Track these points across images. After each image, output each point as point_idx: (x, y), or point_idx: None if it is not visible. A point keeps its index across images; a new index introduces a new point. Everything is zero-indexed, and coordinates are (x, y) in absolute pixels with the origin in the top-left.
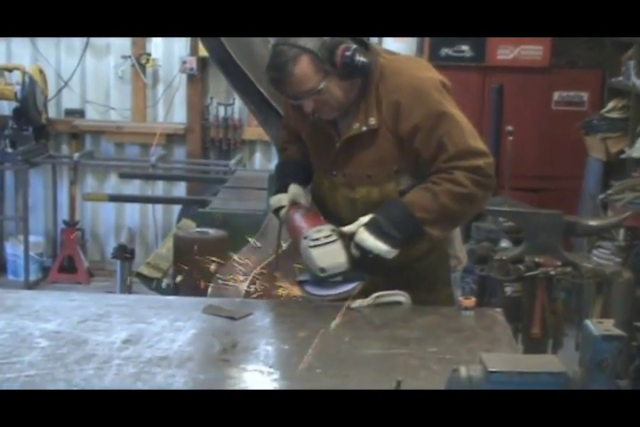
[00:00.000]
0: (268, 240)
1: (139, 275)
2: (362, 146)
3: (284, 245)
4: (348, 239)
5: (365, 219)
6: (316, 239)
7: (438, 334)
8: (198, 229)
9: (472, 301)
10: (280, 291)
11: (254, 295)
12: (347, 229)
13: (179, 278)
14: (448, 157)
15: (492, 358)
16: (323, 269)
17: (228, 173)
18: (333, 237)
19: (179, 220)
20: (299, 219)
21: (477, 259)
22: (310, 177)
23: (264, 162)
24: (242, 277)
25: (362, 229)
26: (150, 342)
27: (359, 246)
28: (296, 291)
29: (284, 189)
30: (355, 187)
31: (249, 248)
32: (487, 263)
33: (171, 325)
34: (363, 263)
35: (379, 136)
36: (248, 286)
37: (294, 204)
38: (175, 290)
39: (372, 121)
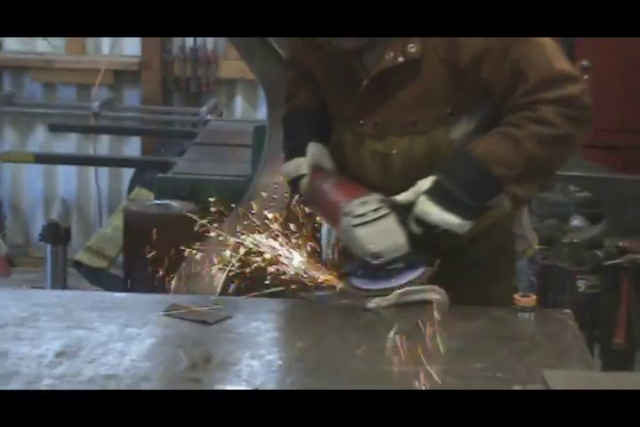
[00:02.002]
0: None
1: (76, 264)
2: (399, 83)
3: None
4: (403, 212)
5: (426, 183)
6: (362, 215)
7: (486, 345)
8: (158, 202)
9: (532, 299)
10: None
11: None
12: (401, 198)
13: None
14: (529, 87)
15: (559, 376)
16: (376, 255)
17: (197, 125)
18: (384, 211)
19: (131, 189)
20: (331, 190)
21: (540, 242)
22: (330, 133)
23: (247, 109)
24: (221, 264)
25: (423, 198)
26: (92, 354)
27: (422, 221)
28: (339, 286)
29: (299, 152)
30: (390, 139)
31: (233, 220)
32: (553, 248)
33: (120, 331)
34: (425, 242)
35: (423, 68)
36: (230, 276)
37: (318, 170)
38: (126, 284)
39: (413, 48)
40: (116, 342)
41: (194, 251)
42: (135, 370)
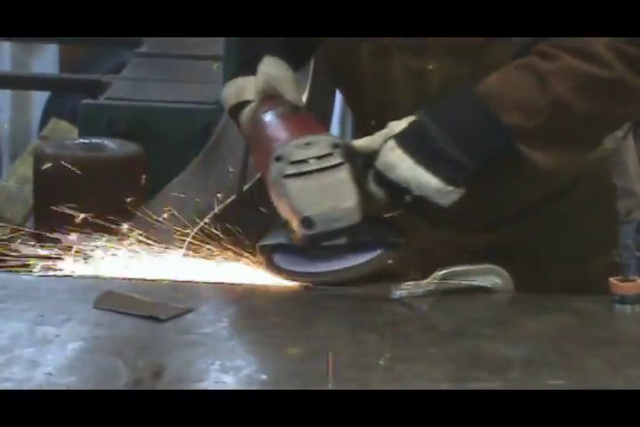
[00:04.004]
0: (224, 165)
1: None
2: None
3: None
4: (363, 164)
5: (400, 124)
6: (301, 162)
7: (568, 352)
8: (84, 141)
9: (636, 284)
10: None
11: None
12: (362, 142)
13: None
14: None
15: None
16: (309, 222)
17: None
18: (334, 160)
19: (44, 122)
20: (273, 123)
21: None
22: (310, 45)
23: None
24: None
25: (392, 144)
26: None
27: (384, 178)
28: (260, 265)
29: (247, 69)
30: (428, 52)
31: (187, 178)
32: None
33: (31, 331)
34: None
35: None
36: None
37: (270, 98)
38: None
39: None
40: (24, 348)
41: (138, 212)
42: (53, 387)
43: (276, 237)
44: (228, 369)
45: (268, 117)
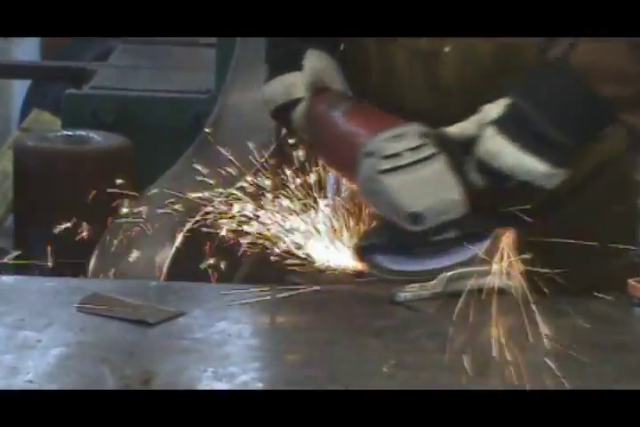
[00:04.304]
0: (218, 158)
1: None
2: None
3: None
4: (459, 153)
5: (495, 108)
6: (395, 155)
7: (585, 358)
8: (67, 133)
9: None
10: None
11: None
12: (457, 129)
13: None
14: None
15: None
16: (417, 217)
17: None
18: (429, 150)
19: (24, 112)
20: (344, 119)
21: None
22: None
23: None
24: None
25: (491, 132)
26: None
27: (488, 167)
28: (352, 266)
29: (290, 64)
30: None
31: (178, 172)
32: None
33: (10, 336)
34: (493, 201)
35: None
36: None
37: (322, 91)
38: (17, 261)
39: None
40: (3, 354)
41: (124, 210)
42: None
43: (374, 236)
44: (221, 377)
45: (336, 113)
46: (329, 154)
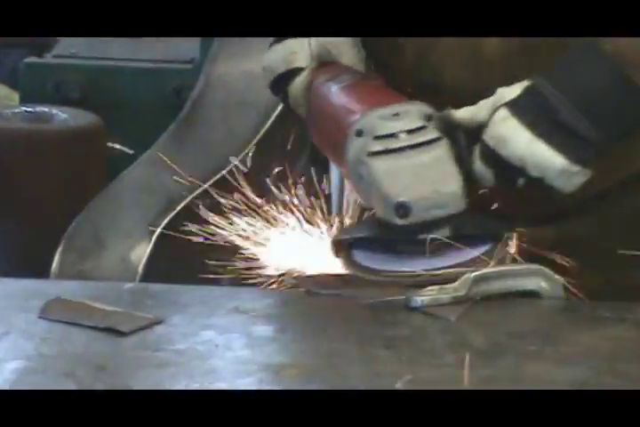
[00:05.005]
0: (202, 138)
1: None
2: None
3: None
4: (465, 139)
5: (511, 91)
6: (390, 136)
7: (628, 373)
8: (27, 109)
9: None
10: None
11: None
12: (464, 113)
13: None
14: None
15: None
16: (405, 208)
17: None
18: (430, 134)
19: None
20: (342, 94)
21: None
22: None
23: None
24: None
25: (504, 114)
26: None
27: (496, 156)
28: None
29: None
30: None
31: (157, 153)
32: None
33: None
34: (504, 198)
35: None
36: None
37: (326, 64)
38: None
39: None
40: None
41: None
42: None
43: (357, 229)
44: None
45: (335, 87)
46: (318, 132)
